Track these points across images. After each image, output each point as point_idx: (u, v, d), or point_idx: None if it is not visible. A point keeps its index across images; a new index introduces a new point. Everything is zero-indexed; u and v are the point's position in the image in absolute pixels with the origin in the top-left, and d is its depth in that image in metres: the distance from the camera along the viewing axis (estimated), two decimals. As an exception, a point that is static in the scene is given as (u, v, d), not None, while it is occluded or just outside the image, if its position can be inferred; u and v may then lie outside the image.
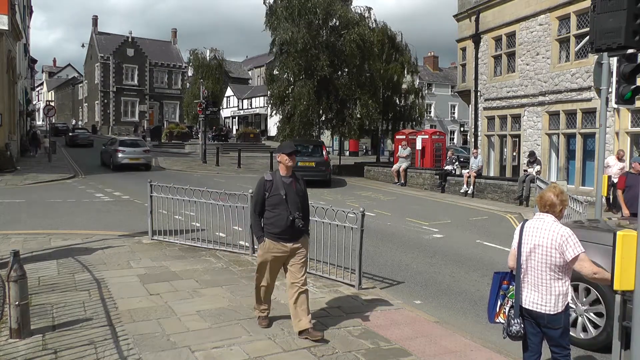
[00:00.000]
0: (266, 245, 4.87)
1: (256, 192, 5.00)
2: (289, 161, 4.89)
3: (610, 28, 3.87)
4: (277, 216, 4.81)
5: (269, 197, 4.83)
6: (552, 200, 3.69)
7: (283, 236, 4.82)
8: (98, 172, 22.38)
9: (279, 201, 4.80)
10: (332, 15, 24.85)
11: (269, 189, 4.84)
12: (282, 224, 4.79)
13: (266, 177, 4.94)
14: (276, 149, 5.10)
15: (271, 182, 4.86)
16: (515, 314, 3.68)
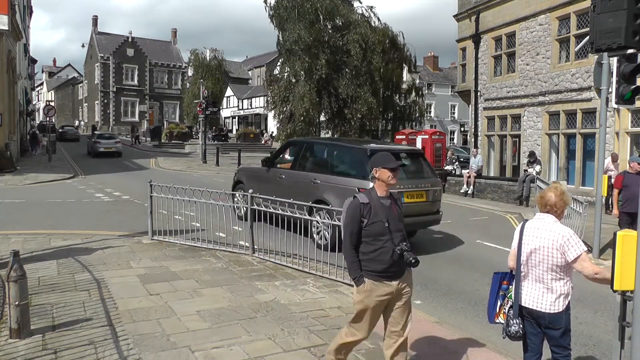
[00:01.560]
0: (367, 287, 3.80)
1: (350, 220, 3.81)
2: (392, 178, 3.79)
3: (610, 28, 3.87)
4: (379, 249, 3.76)
5: (367, 226, 3.75)
6: (552, 201, 3.68)
7: (387, 274, 3.80)
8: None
9: (381, 231, 3.76)
10: (334, 16, 24.88)
11: (367, 215, 3.77)
12: (387, 258, 3.76)
13: (360, 198, 3.80)
14: (372, 161, 3.91)
15: (368, 205, 3.77)
16: (514, 314, 3.68)
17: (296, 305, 5.83)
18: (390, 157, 3.91)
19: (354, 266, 3.83)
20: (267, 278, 6.86)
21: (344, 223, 3.91)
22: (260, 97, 57.71)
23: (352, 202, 3.88)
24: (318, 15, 24.46)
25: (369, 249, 3.79)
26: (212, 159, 28.59)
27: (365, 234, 3.78)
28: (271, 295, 6.16)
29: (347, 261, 3.87)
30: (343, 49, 24.26)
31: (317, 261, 7.11)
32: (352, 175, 9.06)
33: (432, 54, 61.03)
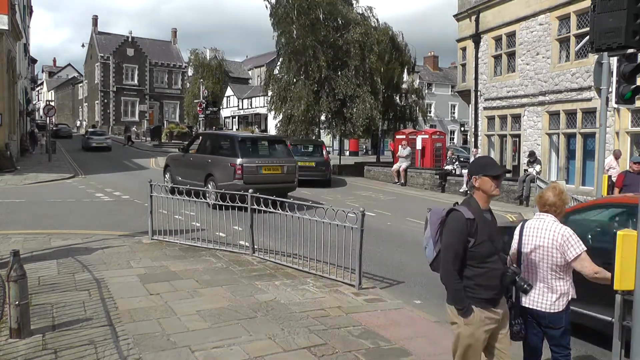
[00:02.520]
0: (476, 317, 3.25)
1: (455, 239, 3.22)
2: (494, 188, 3.30)
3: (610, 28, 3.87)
4: (488, 273, 3.24)
5: (474, 247, 3.19)
6: (551, 200, 3.69)
7: (494, 301, 3.32)
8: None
9: (489, 251, 3.23)
10: (333, 15, 24.87)
11: (474, 234, 3.19)
12: (495, 284, 3.26)
13: (465, 213, 3.21)
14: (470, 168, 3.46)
15: (474, 222, 3.20)
16: (515, 314, 3.68)
17: (296, 305, 5.84)
18: (492, 162, 3.44)
19: (459, 294, 3.25)
20: (267, 278, 6.87)
21: (445, 243, 3.26)
22: (260, 97, 57.66)
23: (455, 216, 3.24)
24: (317, 15, 24.45)
25: (474, 273, 3.23)
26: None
27: (470, 256, 3.21)
28: (271, 295, 6.16)
29: (451, 288, 3.29)
30: (342, 48, 24.26)
31: (317, 261, 7.11)
32: (227, 155, 13.16)
33: (432, 53, 61.01)
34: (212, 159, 13.57)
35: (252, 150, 13.51)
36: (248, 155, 13.03)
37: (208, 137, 15.33)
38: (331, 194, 17.52)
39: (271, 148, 14.16)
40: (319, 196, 15.87)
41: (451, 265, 3.23)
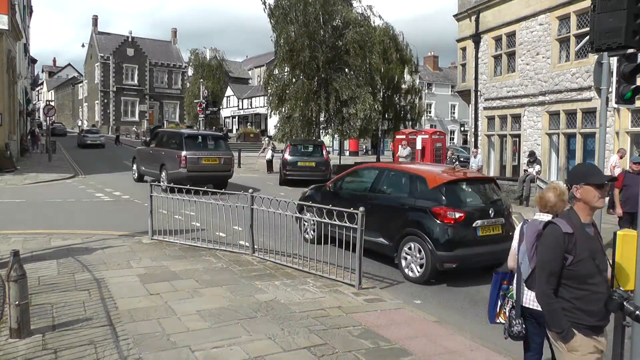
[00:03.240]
0: (577, 343, 2.90)
1: (551, 256, 2.91)
2: (598, 199, 2.97)
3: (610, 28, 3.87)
4: (589, 296, 2.90)
5: (572, 265, 2.87)
6: (552, 201, 3.68)
7: (597, 327, 2.95)
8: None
9: (590, 271, 2.90)
10: (333, 15, 24.86)
11: (573, 250, 2.87)
12: (598, 308, 2.91)
13: (563, 226, 2.89)
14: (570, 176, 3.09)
15: (573, 237, 2.88)
16: (516, 314, 3.68)
17: (296, 305, 5.84)
18: (595, 169, 3.10)
19: (557, 315, 2.87)
20: (267, 278, 6.87)
21: (540, 260, 2.96)
22: (260, 96, 57.71)
23: (551, 231, 2.93)
24: (317, 14, 24.45)
25: (573, 295, 2.89)
26: (212, 158, 28.58)
27: (567, 275, 2.87)
28: (271, 295, 6.16)
29: (548, 308, 2.92)
30: (342, 49, 24.26)
31: (317, 261, 7.11)
32: (175, 148, 15.74)
33: (432, 53, 61.03)
34: (165, 151, 16.30)
35: (195, 144, 16.16)
36: (192, 148, 15.70)
37: (163, 134, 18.26)
38: (331, 194, 17.48)
39: (212, 143, 16.74)
40: (319, 196, 15.85)
41: (546, 284, 2.90)
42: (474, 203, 8.11)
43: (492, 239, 7.56)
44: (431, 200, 7.50)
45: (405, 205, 7.82)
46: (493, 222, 7.64)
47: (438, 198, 7.46)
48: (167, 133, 18.46)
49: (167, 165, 15.80)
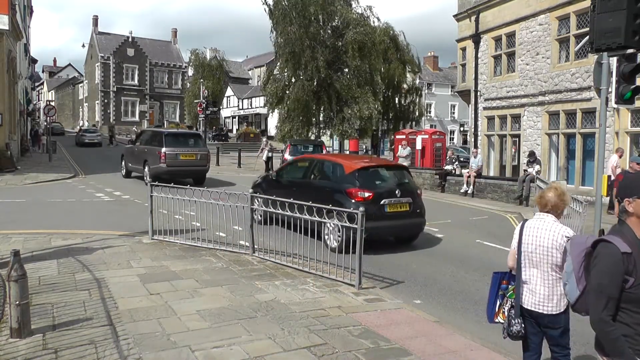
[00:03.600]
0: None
1: (608, 280, 2.59)
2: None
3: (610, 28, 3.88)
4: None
5: (632, 287, 2.56)
6: (553, 201, 3.68)
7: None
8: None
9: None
10: (332, 15, 24.87)
11: (633, 272, 2.55)
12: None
13: (619, 245, 2.59)
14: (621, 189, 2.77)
15: (632, 257, 2.57)
16: (515, 314, 3.68)
17: (296, 304, 5.84)
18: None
19: (619, 343, 2.57)
20: (267, 278, 6.87)
21: (596, 285, 2.64)
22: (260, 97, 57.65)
23: (607, 251, 2.61)
24: (317, 15, 24.47)
25: (633, 320, 2.58)
26: (213, 158, 28.54)
27: (627, 299, 2.58)
28: (271, 294, 6.16)
29: (607, 337, 2.62)
30: (342, 49, 24.26)
31: (317, 261, 7.11)
32: (156, 146, 17.25)
33: (432, 54, 61.05)
34: (147, 148, 17.85)
35: (174, 142, 17.60)
36: (171, 145, 17.18)
37: (147, 133, 20.24)
38: (331, 194, 17.49)
39: (190, 140, 18.45)
40: (319, 196, 15.85)
41: (603, 311, 2.59)
42: (382, 185, 9.60)
43: (399, 215, 9.15)
44: (347, 183, 9.14)
45: (328, 187, 9.60)
46: (399, 201, 9.14)
47: (352, 181, 9.11)
48: (150, 132, 20.56)
49: (149, 161, 17.40)
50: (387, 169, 10.41)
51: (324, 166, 10.46)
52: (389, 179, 9.98)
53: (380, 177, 9.97)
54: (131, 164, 19.13)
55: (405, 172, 10.23)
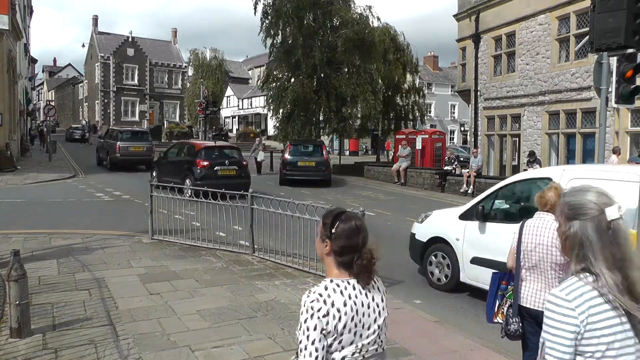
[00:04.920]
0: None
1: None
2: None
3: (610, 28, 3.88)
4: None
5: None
6: (553, 200, 3.70)
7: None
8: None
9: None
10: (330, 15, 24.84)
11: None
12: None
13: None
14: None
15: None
16: (513, 313, 3.69)
17: (296, 304, 5.83)
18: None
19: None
20: (267, 277, 6.87)
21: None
22: (260, 96, 57.70)
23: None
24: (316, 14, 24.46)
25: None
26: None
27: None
28: (271, 294, 6.17)
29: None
30: (341, 48, 24.22)
31: (317, 260, 7.11)
32: (115, 140, 22.45)
33: (432, 53, 61.03)
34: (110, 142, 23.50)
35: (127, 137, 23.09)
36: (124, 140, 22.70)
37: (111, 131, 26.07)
38: (331, 193, 17.52)
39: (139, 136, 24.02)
40: (319, 196, 15.87)
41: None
42: (217, 158, 15.50)
43: (228, 177, 15.04)
44: (196, 157, 15.25)
45: (187, 160, 15.64)
46: (228, 168, 15.28)
47: (199, 156, 15.25)
48: (113, 130, 25.66)
49: (110, 152, 22.93)
50: (223, 148, 16.79)
51: (186, 147, 16.86)
52: (222, 154, 15.83)
53: (217, 153, 15.80)
54: (101, 155, 24.77)
55: (235, 151, 16.43)
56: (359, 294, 2.01)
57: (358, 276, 2.03)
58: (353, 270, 2.03)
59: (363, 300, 2.01)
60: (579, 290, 1.66)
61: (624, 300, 1.62)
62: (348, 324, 1.93)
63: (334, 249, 2.04)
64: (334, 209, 2.15)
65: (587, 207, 1.73)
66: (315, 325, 1.89)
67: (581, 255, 1.71)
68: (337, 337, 1.93)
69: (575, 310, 1.63)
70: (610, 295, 1.62)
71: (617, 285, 1.62)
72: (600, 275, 1.65)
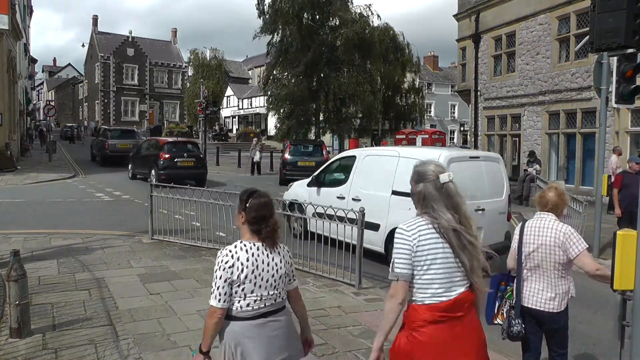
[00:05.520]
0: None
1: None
2: None
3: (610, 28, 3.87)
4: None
5: None
6: (553, 200, 3.71)
7: None
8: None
9: None
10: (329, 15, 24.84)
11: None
12: None
13: None
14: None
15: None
16: (516, 314, 3.68)
17: (296, 304, 5.83)
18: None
19: None
20: (267, 277, 6.85)
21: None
22: (260, 96, 57.66)
23: None
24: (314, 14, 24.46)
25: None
26: (212, 158, 28.56)
27: None
28: (271, 294, 6.15)
29: None
30: (341, 48, 24.20)
31: (317, 261, 7.11)
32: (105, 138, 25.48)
33: (432, 53, 61.01)
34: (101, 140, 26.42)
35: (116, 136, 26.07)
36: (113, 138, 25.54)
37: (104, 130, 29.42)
38: (331, 193, 17.49)
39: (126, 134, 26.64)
40: (319, 196, 15.85)
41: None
42: (177, 151, 17.93)
43: (186, 167, 17.61)
44: (160, 150, 17.70)
45: (154, 153, 17.98)
46: (187, 159, 17.78)
47: (162, 149, 17.72)
48: (103, 129, 29.35)
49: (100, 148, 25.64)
50: (183, 143, 19.06)
51: (153, 142, 19.57)
52: (182, 148, 18.27)
53: (178, 147, 18.23)
54: (94, 151, 27.28)
55: (193, 145, 19.25)
56: (261, 254, 2.60)
57: (264, 240, 2.62)
58: (261, 235, 2.61)
59: (264, 259, 2.60)
60: (415, 224, 2.51)
61: (458, 227, 2.48)
62: (249, 275, 2.55)
63: (248, 219, 2.62)
64: (248, 189, 2.75)
65: (428, 174, 2.56)
66: (221, 275, 2.54)
67: (424, 205, 2.55)
68: (240, 284, 2.54)
69: (411, 236, 2.48)
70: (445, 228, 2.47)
71: (452, 219, 2.48)
72: (441, 215, 2.49)
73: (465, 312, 2.50)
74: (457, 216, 2.50)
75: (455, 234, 2.46)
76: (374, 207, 7.49)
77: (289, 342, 2.72)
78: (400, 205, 7.21)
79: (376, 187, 8.04)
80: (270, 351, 2.61)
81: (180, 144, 18.91)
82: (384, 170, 8.00)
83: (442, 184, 2.52)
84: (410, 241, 2.46)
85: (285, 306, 2.77)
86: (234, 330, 2.64)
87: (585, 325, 5.86)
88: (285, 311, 2.75)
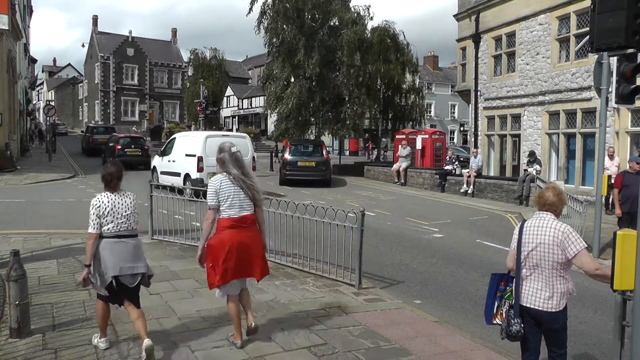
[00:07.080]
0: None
1: None
2: None
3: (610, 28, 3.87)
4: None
5: None
6: (552, 200, 3.71)
7: None
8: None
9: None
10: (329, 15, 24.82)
11: None
12: None
13: None
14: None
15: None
16: (515, 314, 3.68)
17: (296, 304, 5.84)
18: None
19: None
20: (267, 277, 6.81)
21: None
22: (260, 96, 57.66)
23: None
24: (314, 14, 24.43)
25: None
26: (212, 158, 28.58)
27: None
28: (271, 294, 6.17)
29: None
30: (339, 48, 24.16)
31: (317, 261, 7.11)
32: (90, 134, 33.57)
33: (432, 53, 61.03)
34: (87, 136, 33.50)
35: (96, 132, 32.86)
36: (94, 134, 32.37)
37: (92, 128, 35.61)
38: (331, 193, 17.52)
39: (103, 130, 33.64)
40: (319, 196, 15.87)
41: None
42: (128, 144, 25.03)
43: (134, 155, 24.17)
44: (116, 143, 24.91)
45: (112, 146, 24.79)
46: (134, 150, 24.57)
47: (117, 142, 24.85)
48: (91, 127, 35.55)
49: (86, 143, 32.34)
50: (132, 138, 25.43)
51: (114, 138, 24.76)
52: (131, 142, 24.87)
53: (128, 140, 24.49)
54: (83, 145, 33.28)
55: (140, 139, 25.52)
56: (115, 198, 4.40)
57: (112, 190, 4.43)
58: (111, 188, 4.43)
59: (118, 200, 4.41)
60: (219, 178, 4.50)
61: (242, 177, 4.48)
62: (109, 211, 4.29)
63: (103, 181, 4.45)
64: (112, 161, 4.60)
65: (225, 147, 4.55)
66: (94, 212, 4.25)
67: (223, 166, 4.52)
68: (104, 217, 4.27)
69: (216, 184, 4.49)
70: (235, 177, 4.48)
71: (238, 173, 4.48)
72: (233, 171, 4.47)
73: (249, 225, 4.52)
74: (241, 170, 4.50)
75: (242, 181, 4.46)
76: (178, 164, 15.29)
77: (134, 257, 4.32)
78: (187, 160, 14.81)
79: (180, 153, 15.46)
80: (119, 258, 4.20)
81: (130, 137, 26.62)
82: (183, 144, 15.70)
83: (232, 152, 4.52)
84: (216, 186, 4.48)
85: (137, 234, 4.55)
86: (101, 244, 4.24)
87: (585, 325, 5.86)
88: (136, 237, 4.48)
